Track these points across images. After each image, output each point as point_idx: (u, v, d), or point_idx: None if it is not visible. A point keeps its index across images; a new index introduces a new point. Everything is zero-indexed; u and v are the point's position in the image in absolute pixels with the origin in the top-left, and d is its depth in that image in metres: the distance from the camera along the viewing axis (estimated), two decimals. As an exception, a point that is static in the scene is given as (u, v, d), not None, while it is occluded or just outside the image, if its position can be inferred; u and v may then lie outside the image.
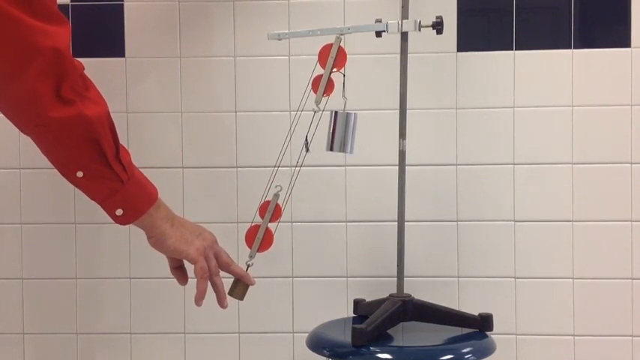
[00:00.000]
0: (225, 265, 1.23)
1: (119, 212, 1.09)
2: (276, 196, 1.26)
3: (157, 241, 1.15)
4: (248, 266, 1.26)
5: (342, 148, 1.26)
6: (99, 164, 1.05)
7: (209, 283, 1.20)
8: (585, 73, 1.54)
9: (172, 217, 1.16)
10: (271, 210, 1.26)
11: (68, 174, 1.06)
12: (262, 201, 1.27)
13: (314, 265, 1.58)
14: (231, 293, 1.25)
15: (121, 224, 1.12)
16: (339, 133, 1.26)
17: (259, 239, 1.26)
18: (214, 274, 1.20)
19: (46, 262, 1.61)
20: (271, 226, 1.26)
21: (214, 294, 1.21)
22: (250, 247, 1.26)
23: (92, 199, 1.09)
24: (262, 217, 1.26)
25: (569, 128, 1.54)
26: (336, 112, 1.26)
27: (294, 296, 1.59)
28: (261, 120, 1.57)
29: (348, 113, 1.26)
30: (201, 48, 1.58)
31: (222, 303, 1.22)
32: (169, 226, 1.15)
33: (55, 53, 0.96)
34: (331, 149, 1.27)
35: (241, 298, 1.26)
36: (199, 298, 1.19)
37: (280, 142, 1.31)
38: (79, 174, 1.05)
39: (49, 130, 1.00)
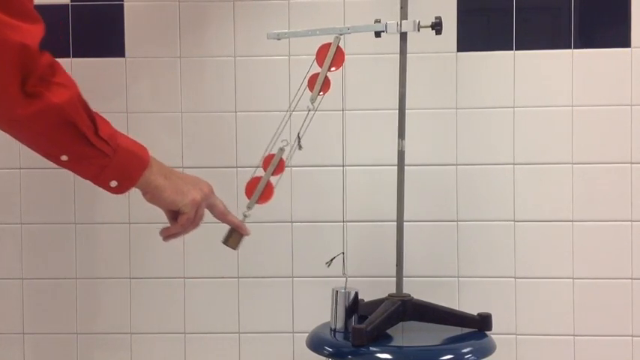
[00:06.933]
0: (221, 215, 1.24)
1: (114, 184, 1.09)
2: (282, 150, 1.26)
3: (152, 196, 1.15)
4: (245, 217, 1.26)
5: (347, 327, 1.30)
6: (81, 146, 1.04)
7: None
8: (585, 73, 1.54)
9: (166, 171, 1.16)
10: (275, 163, 1.26)
11: (53, 159, 1.06)
12: (266, 154, 1.27)
13: (314, 265, 1.58)
14: (225, 242, 1.26)
15: (117, 194, 1.11)
16: (341, 312, 1.31)
17: (259, 191, 1.26)
18: (194, 225, 1.21)
19: (46, 262, 1.61)
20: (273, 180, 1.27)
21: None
22: (249, 198, 1.27)
23: (84, 178, 1.09)
24: (265, 169, 1.27)
25: (569, 128, 1.54)
26: (337, 292, 1.31)
27: (294, 296, 1.59)
28: (261, 120, 1.57)
29: (349, 293, 1.31)
30: (201, 48, 1.58)
31: (165, 236, 1.21)
32: (163, 180, 1.14)
33: (22, 49, 0.95)
34: (335, 330, 1.31)
35: (235, 247, 1.26)
36: (167, 235, 1.20)
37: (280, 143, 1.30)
38: (64, 157, 1.05)
39: (23, 125, 1.00)
